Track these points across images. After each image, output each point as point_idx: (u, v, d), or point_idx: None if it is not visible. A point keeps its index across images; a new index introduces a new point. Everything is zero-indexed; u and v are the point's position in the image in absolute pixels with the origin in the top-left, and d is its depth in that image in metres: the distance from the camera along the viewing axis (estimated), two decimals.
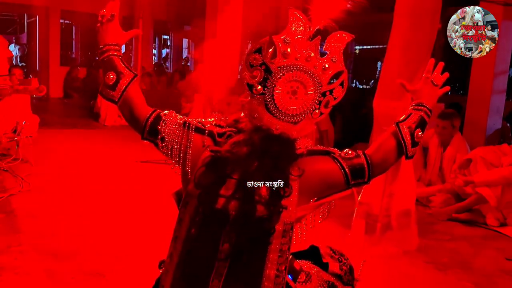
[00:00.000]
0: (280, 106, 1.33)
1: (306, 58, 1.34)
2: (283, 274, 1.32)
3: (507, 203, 3.84)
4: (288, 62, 1.33)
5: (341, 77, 1.39)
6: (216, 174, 1.33)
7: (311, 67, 1.34)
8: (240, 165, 1.32)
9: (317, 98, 1.36)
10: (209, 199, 1.32)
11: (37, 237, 3.09)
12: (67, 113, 9.25)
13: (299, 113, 1.35)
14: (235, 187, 1.31)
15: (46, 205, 3.74)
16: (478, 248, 3.42)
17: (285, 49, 1.33)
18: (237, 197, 1.30)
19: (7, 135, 5.08)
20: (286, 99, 1.33)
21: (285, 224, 1.31)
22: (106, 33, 1.45)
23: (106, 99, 1.46)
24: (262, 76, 1.33)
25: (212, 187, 1.32)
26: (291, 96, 1.33)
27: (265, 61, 1.33)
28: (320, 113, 1.40)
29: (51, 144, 5.97)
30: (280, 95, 1.33)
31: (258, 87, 1.34)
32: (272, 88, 1.33)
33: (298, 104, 1.34)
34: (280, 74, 1.32)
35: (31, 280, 2.55)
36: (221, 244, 1.30)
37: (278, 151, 1.33)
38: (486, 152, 4.03)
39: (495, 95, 5.53)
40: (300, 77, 1.33)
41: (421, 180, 4.60)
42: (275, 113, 1.34)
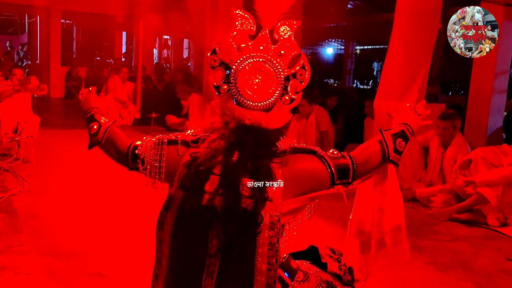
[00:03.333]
0: (247, 96, 1.37)
1: (259, 48, 1.38)
2: (274, 267, 1.33)
3: (508, 203, 3.84)
4: (244, 54, 1.38)
5: (300, 60, 1.41)
6: (198, 172, 1.35)
7: (266, 55, 1.38)
8: (219, 159, 1.35)
9: (282, 83, 1.38)
10: (194, 197, 1.34)
11: (38, 237, 3.09)
12: (68, 114, 9.26)
13: (267, 99, 1.37)
14: (218, 182, 1.33)
15: (47, 205, 3.74)
16: (478, 248, 3.42)
17: (238, 44, 1.39)
18: (221, 192, 1.32)
19: (8, 135, 5.09)
20: (251, 89, 1.37)
21: (272, 216, 1.32)
22: (87, 101, 1.71)
23: (92, 145, 1.64)
24: (224, 74, 1.39)
25: (196, 185, 1.34)
26: (255, 85, 1.37)
27: (223, 59, 1.39)
28: (291, 99, 1.40)
29: (52, 144, 5.97)
30: (244, 86, 1.37)
31: (223, 86, 1.39)
32: (235, 82, 1.37)
33: (263, 91, 1.37)
34: (240, 67, 1.37)
35: (32, 280, 2.55)
36: (210, 240, 1.32)
37: (253, 139, 1.36)
38: (486, 152, 4.03)
39: (495, 95, 5.52)
40: (259, 66, 1.37)
41: (422, 181, 4.60)
42: (244, 104, 1.37)
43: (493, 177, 3.80)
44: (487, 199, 3.79)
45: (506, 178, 3.78)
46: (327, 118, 5.90)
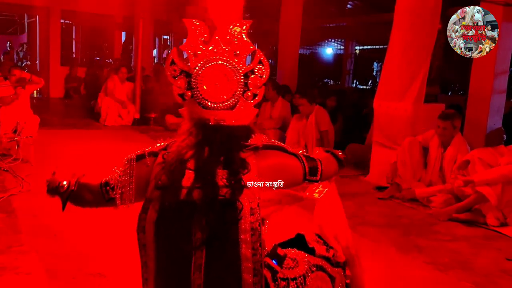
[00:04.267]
0: (209, 98, 1.43)
1: (214, 51, 1.45)
2: (259, 251, 1.36)
3: (508, 201, 3.84)
4: (201, 60, 1.44)
5: (256, 56, 1.48)
6: (173, 169, 1.39)
7: (222, 56, 1.45)
8: (191, 153, 1.40)
9: (241, 81, 1.45)
10: (172, 193, 1.37)
11: (38, 237, 3.09)
12: (68, 113, 9.26)
13: (229, 97, 1.44)
14: (194, 175, 1.38)
15: (47, 205, 3.72)
16: (478, 248, 3.42)
17: (194, 51, 1.46)
18: (198, 185, 1.36)
19: (7, 135, 5.09)
20: (213, 91, 1.43)
21: (251, 202, 1.36)
22: (54, 179, 1.68)
23: (65, 198, 1.65)
24: (186, 82, 1.45)
25: (173, 182, 1.38)
26: (216, 87, 1.43)
27: (183, 68, 1.46)
28: (253, 94, 1.47)
29: (52, 144, 5.97)
30: (205, 90, 1.43)
31: (187, 93, 1.45)
32: (197, 87, 1.43)
33: (225, 91, 1.43)
34: (199, 72, 1.43)
35: (32, 280, 2.55)
36: (193, 234, 1.34)
37: (220, 136, 1.42)
38: (483, 153, 4.04)
39: (495, 95, 5.53)
40: (217, 68, 1.43)
41: (422, 181, 4.60)
42: (208, 106, 1.44)
43: (492, 176, 3.80)
44: (486, 198, 3.79)
45: (505, 177, 3.78)
46: (327, 118, 5.90)
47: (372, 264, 2.99)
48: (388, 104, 5.05)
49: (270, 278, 1.41)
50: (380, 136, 5.13)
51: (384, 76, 5.22)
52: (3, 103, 5.33)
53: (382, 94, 5.17)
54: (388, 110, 5.05)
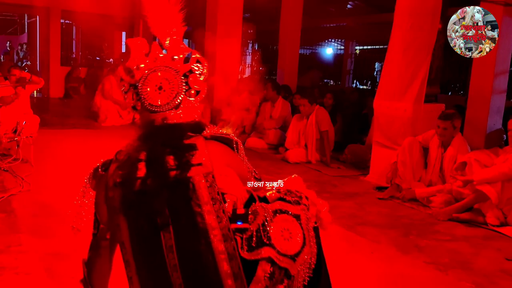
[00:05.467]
0: (155, 102, 1.56)
1: (154, 61, 1.62)
2: (224, 217, 1.44)
3: (508, 199, 3.83)
4: (143, 71, 1.60)
5: (192, 57, 1.63)
6: (125, 166, 1.50)
7: (161, 63, 1.61)
8: (141, 147, 1.53)
9: (182, 81, 1.59)
10: (128, 186, 1.47)
11: (38, 237, 3.09)
12: (68, 113, 9.25)
13: (172, 98, 1.57)
14: (145, 164, 1.48)
15: (46, 205, 3.74)
16: (478, 248, 3.42)
17: (137, 64, 1.62)
18: (150, 174, 1.47)
19: (7, 135, 5.09)
20: (157, 95, 1.57)
21: (206, 175, 1.47)
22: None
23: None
24: (134, 94, 1.61)
25: (128, 177, 1.49)
26: (159, 92, 1.57)
27: (129, 82, 1.62)
28: (196, 92, 1.61)
29: (51, 144, 5.97)
30: (150, 96, 1.57)
31: (138, 104, 1.60)
32: (143, 96, 1.58)
33: (168, 93, 1.57)
34: (143, 82, 1.58)
35: (32, 280, 2.55)
36: (157, 218, 1.43)
37: (165, 131, 1.54)
38: (479, 155, 4.05)
39: (495, 95, 5.53)
40: (157, 75, 1.58)
41: (422, 181, 4.60)
42: (156, 109, 1.57)
43: (492, 174, 3.80)
44: (486, 196, 3.79)
45: (504, 175, 3.78)
46: (328, 118, 5.90)
47: (372, 264, 3.00)
48: (388, 104, 5.05)
49: (240, 240, 1.45)
50: (380, 136, 5.13)
51: (384, 76, 5.22)
52: (3, 103, 5.33)
53: (382, 94, 5.17)
54: (388, 110, 5.05)
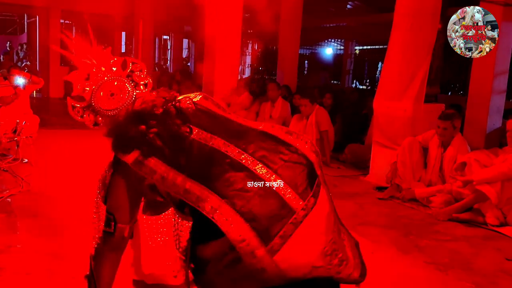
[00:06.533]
0: (113, 107, 1.71)
1: (98, 76, 1.76)
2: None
3: (507, 199, 3.83)
4: (90, 91, 1.74)
5: (128, 60, 1.80)
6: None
7: (104, 76, 1.76)
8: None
9: (127, 82, 1.74)
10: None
11: (37, 237, 3.09)
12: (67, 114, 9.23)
13: (126, 98, 1.72)
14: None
15: (46, 205, 3.74)
16: (478, 248, 3.42)
17: (83, 87, 1.76)
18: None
19: (7, 135, 5.08)
20: (112, 102, 1.72)
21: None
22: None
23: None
24: (91, 112, 1.76)
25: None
26: (112, 98, 1.72)
27: (82, 105, 1.76)
28: (145, 84, 1.77)
29: (51, 144, 5.96)
30: (106, 105, 1.71)
31: (98, 118, 1.75)
32: (100, 109, 1.72)
33: (120, 97, 1.72)
34: (94, 99, 1.73)
35: (32, 280, 2.55)
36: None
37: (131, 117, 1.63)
38: (479, 155, 4.06)
39: (495, 95, 5.53)
40: (104, 85, 1.73)
41: (422, 181, 4.60)
42: (116, 112, 1.70)
43: (491, 174, 3.80)
44: (486, 196, 3.79)
45: (504, 174, 3.78)
46: (327, 118, 5.90)
47: (372, 264, 2.99)
48: (388, 104, 5.05)
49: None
50: (380, 136, 5.13)
51: (384, 76, 5.22)
52: (3, 103, 5.33)
53: (382, 94, 5.17)
54: (388, 110, 5.05)
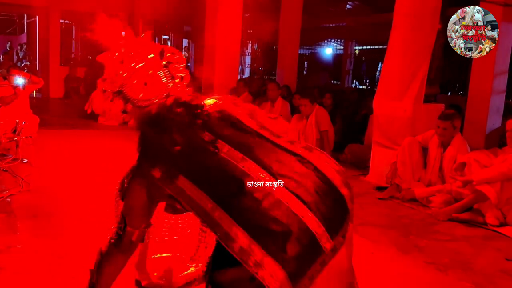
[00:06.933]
0: (144, 97, 1.65)
1: (132, 64, 1.68)
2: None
3: (507, 199, 3.84)
4: (122, 76, 1.67)
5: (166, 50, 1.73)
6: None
7: (139, 62, 1.67)
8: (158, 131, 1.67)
9: (163, 73, 1.68)
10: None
11: (37, 237, 3.09)
12: (67, 113, 9.25)
13: (159, 91, 1.66)
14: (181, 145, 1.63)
15: (46, 205, 3.73)
16: (478, 248, 3.42)
17: (116, 72, 1.68)
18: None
19: (6, 135, 5.08)
20: (144, 92, 1.65)
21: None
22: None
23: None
24: (122, 99, 1.68)
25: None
26: (145, 88, 1.65)
27: (112, 90, 1.68)
28: (181, 77, 1.71)
29: (51, 144, 5.96)
30: (138, 94, 1.65)
31: (127, 106, 1.69)
32: (131, 97, 1.66)
33: (153, 88, 1.65)
34: (126, 85, 1.66)
35: (32, 280, 2.55)
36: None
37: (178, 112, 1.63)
38: (479, 155, 4.06)
39: (495, 95, 5.54)
40: (139, 74, 1.64)
41: (421, 180, 4.60)
42: (148, 103, 1.66)
43: (491, 174, 3.80)
44: (485, 196, 3.79)
45: (503, 174, 3.78)
46: (327, 118, 5.90)
47: (372, 264, 3.00)
48: (388, 104, 5.06)
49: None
50: (380, 136, 5.13)
51: (384, 76, 5.23)
52: (3, 103, 5.33)
53: (382, 94, 5.17)
54: (388, 110, 5.05)
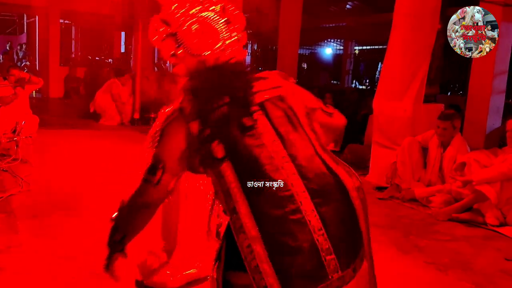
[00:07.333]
0: (201, 46, 1.49)
1: (191, 11, 1.52)
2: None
3: (507, 199, 3.84)
4: (180, 19, 1.51)
5: (227, 8, 1.57)
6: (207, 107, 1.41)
7: (199, 11, 1.52)
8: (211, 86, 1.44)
9: (223, 28, 1.52)
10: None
11: (37, 237, 3.09)
12: (67, 113, 9.25)
13: (217, 43, 1.50)
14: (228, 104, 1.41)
15: (46, 205, 3.73)
16: (478, 248, 3.42)
17: (175, 11, 1.52)
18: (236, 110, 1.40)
19: (6, 135, 5.08)
20: (201, 40, 1.49)
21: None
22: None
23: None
24: (174, 40, 1.51)
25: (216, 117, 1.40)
26: (202, 37, 1.50)
27: (167, 31, 1.52)
28: (238, 39, 1.54)
29: (51, 144, 5.96)
30: (193, 40, 1.49)
31: (178, 51, 1.50)
32: (185, 42, 1.50)
33: (211, 38, 1.50)
34: (182, 28, 1.50)
35: (32, 280, 2.55)
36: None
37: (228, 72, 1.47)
38: (479, 155, 4.06)
39: (494, 95, 5.53)
40: (198, 21, 1.51)
41: (421, 181, 4.60)
42: (202, 54, 1.49)
43: (491, 174, 3.81)
44: (485, 196, 3.79)
45: (503, 174, 3.78)
46: None
47: None
48: (387, 104, 5.06)
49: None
50: (380, 136, 5.13)
51: (384, 76, 5.23)
52: (3, 103, 5.33)
53: (382, 94, 5.17)
54: (388, 110, 5.05)
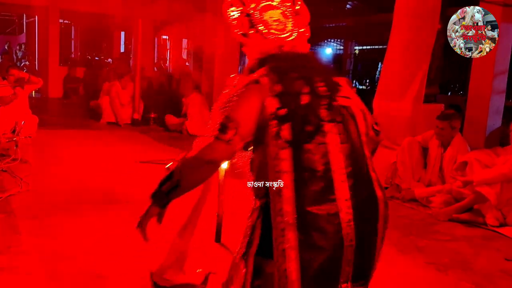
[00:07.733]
0: (274, 29, 1.52)
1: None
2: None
3: (507, 200, 3.84)
4: (258, 1, 1.54)
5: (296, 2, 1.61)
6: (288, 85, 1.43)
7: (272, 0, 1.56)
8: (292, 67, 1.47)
9: (292, 18, 1.55)
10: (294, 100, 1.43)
11: (37, 238, 3.09)
12: (67, 113, 9.24)
13: (287, 29, 1.54)
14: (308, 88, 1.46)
15: (46, 205, 3.73)
16: (478, 248, 3.42)
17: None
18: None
19: (6, 136, 5.09)
20: (273, 24, 1.52)
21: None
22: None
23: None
24: (247, 21, 1.52)
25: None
26: (274, 21, 1.53)
27: (243, 10, 1.52)
28: (301, 32, 1.57)
29: (50, 144, 5.96)
30: (268, 24, 1.51)
31: (250, 30, 1.51)
32: (259, 23, 1.51)
33: (282, 24, 1.53)
34: (258, 11, 1.52)
35: (32, 280, 2.54)
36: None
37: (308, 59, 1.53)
38: (480, 154, 4.06)
39: (495, 95, 5.53)
40: (271, 7, 1.54)
41: (421, 181, 4.60)
42: (275, 36, 1.52)
43: (491, 175, 3.81)
44: (485, 197, 3.79)
45: (504, 176, 3.78)
46: None
47: None
48: (387, 104, 5.06)
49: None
50: None
51: (384, 76, 5.23)
52: (2, 103, 5.33)
53: (382, 94, 5.18)
54: (388, 110, 5.05)
